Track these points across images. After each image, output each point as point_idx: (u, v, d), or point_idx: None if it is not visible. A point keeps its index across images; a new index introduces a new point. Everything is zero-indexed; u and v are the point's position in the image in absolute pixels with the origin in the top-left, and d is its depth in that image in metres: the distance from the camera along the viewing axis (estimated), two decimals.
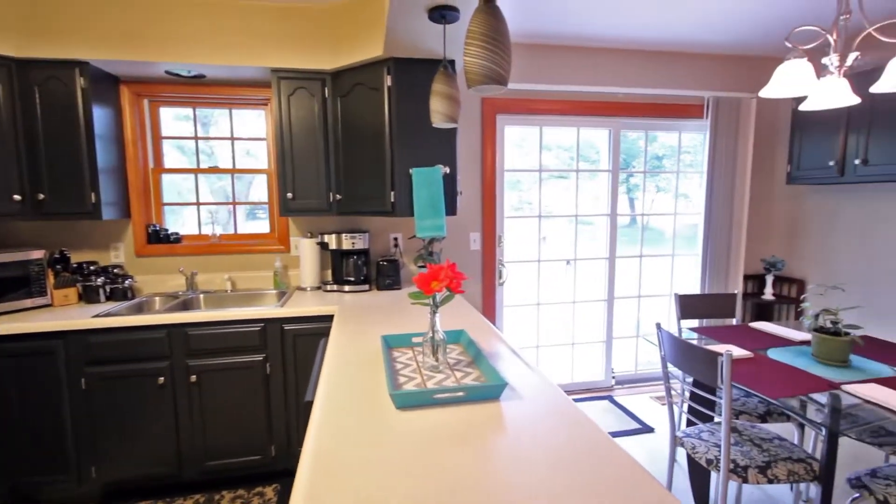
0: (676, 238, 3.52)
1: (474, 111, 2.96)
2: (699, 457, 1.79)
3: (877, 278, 2.76)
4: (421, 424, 1.07)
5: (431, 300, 1.37)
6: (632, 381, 3.56)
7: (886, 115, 2.39)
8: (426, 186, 2.27)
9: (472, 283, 3.12)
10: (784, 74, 1.62)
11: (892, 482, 1.55)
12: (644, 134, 3.33)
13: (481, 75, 1.09)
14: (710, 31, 2.71)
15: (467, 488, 0.83)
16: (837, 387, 1.60)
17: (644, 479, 0.85)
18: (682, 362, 1.78)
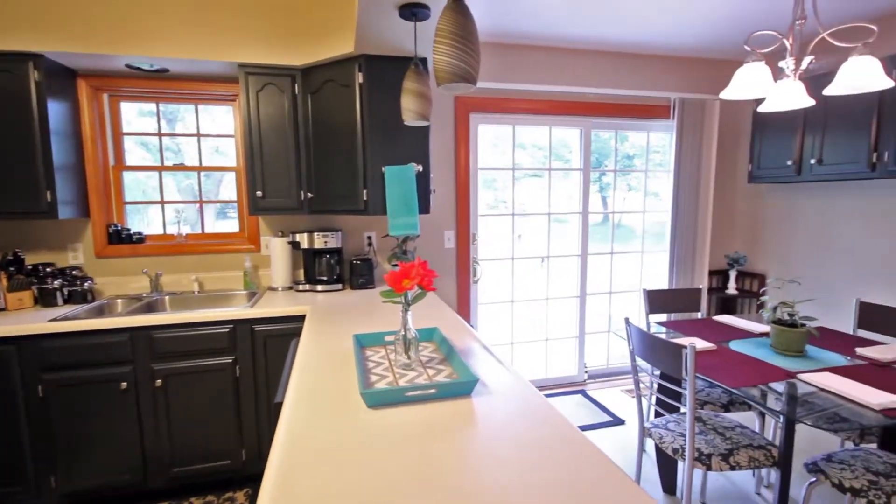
0: (646, 235, 3.62)
1: (448, 110, 2.96)
2: (666, 446, 1.84)
3: (831, 272, 2.90)
4: (393, 422, 1.06)
5: (403, 298, 1.36)
6: (604, 375, 3.64)
7: (840, 116, 2.51)
8: (399, 185, 2.26)
9: (446, 282, 3.12)
10: (743, 77, 1.68)
11: (847, 466, 1.64)
12: (614, 133, 3.40)
13: (450, 73, 1.09)
14: (676, 34, 2.79)
15: (439, 484, 0.83)
16: (794, 376, 1.68)
17: (613, 473, 0.87)
18: (649, 355, 1.83)
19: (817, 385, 1.61)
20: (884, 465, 1.63)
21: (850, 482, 1.55)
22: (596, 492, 0.81)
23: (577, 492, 0.81)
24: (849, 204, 2.78)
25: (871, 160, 2.37)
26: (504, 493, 0.80)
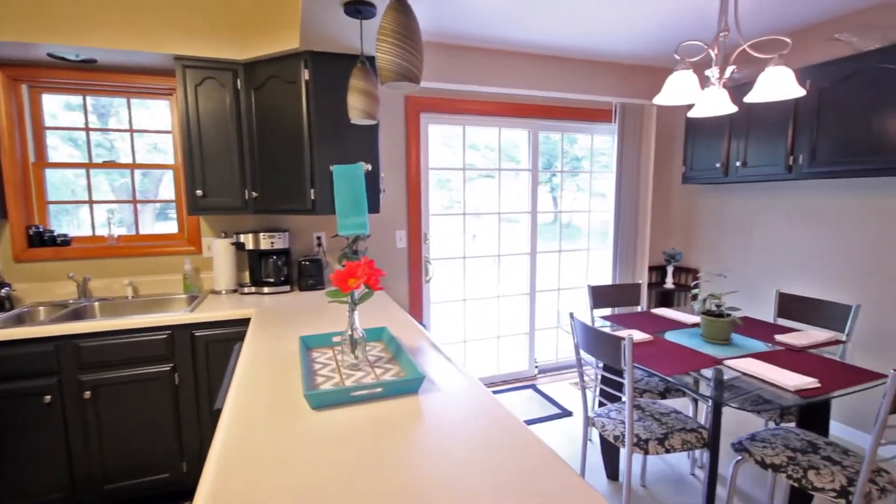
0: (593, 234, 3.77)
1: (398, 109, 2.96)
2: (608, 434, 1.93)
3: (755, 266, 3.14)
4: (337, 423, 1.05)
5: (349, 298, 1.35)
6: (553, 369, 3.75)
7: (761, 122, 2.73)
8: (348, 184, 2.23)
9: (398, 282, 3.11)
10: (673, 84, 1.79)
11: (768, 444, 1.78)
12: (560, 135, 3.52)
13: (393, 72, 1.09)
14: (615, 43, 2.92)
15: (382, 481, 0.83)
16: (720, 362, 1.81)
17: (557, 466, 0.90)
18: (592, 348, 1.91)
19: (741, 370, 1.74)
20: (800, 441, 1.79)
21: (770, 459, 1.69)
22: (540, 485, 0.84)
23: (522, 485, 0.83)
24: (770, 203, 3.02)
25: (787, 163, 2.59)
26: (449, 489, 0.81)
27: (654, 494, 2.22)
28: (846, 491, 1.52)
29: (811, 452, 1.69)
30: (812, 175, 2.49)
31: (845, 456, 1.68)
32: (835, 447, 1.74)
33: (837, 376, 1.67)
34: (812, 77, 2.43)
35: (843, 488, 1.53)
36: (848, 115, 2.30)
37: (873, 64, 2.19)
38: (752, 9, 2.45)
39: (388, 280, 3.08)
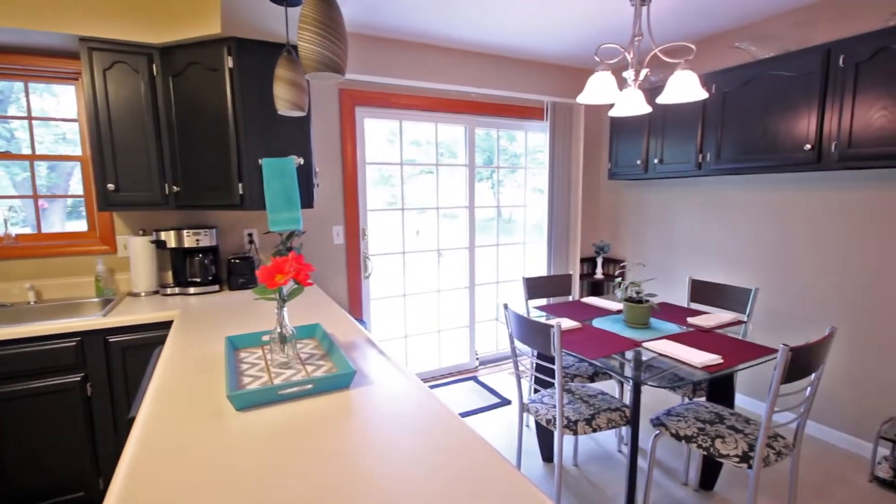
0: (530, 228, 3.90)
1: (332, 102, 2.89)
2: (541, 418, 2.02)
3: (671, 255, 3.40)
4: (263, 423, 1.02)
5: (277, 294, 1.31)
6: (494, 360, 3.85)
7: (675, 123, 2.95)
8: (278, 178, 2.15)
9: (336, 278, 3.06)
10: (594, 84, 1.89)
11: (682, 418, 1.94)
12: (496, 132, 3.60)
13: (316, 62, 1.07)
14: (546, 43, 3.04)
15: (308, 480, 0.82)
16: (639, 345, 1.95)
17: (491, 456, 0.93)
18: (525, 337, 1.99)
19: (657, 351, 1.89)
20: (709, 413, 1.96)
21: (683, 431, 1.85)
22: (474, 476, 0.85)
23: (455, 477, 0.85)
24: (684, 197, 3.28)
25: (697, 160, 2.82)
26: (380, 483, 0.81)
27: (585, 472, 2.35)
28: (747, 456, 1.69)
29: (718, 423, 1.87)
30: (718, 171, 2.73)
31: (747, 424, 1.87)
32: (738, 417, 1.93)
33: (738, 353, 1.85)
34: (717, 82, 2.67)
35: (744, 454, 1.70)
36: (747, 117, 2.54)
37: (768, 71, 2.44)
38: (664, 17, 2.64)
39: (325, 277, 3.01)
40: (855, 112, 2.12)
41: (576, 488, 2.24)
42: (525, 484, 0.80)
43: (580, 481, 2.29)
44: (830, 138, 2.21)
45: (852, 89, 2.12)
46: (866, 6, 2.31)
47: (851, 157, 2.14)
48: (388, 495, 0.77)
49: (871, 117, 2.07)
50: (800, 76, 2.30)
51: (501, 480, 0.82)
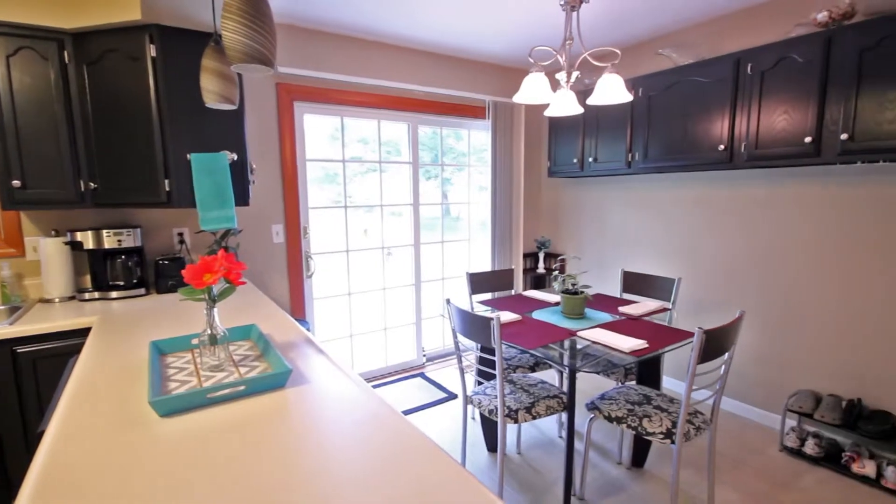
0: (476, 225, 3.97)
1: (269, 96, 2.79)
2: (484, 409, 2.07)
3: (606, 248, 3.59)
4: (192, 428, 0.98)
5: (206, 294, 1.26)
6: (441, 356, 3.89)
7: (607, 123, 3.11)
8: (209, 174, 2.05)
9: (277, 278, 2.96)
10: (528, 85, 1.96)
11: (614, 401, 2.05)
12: (439, 129, 3.63)
13: (241, 52, 1.03)
14: (486, 43, 3.10)
15: (242, 485, 0.80)
16: (575, 334, 2.04)
17: (429, 448, 0.95)
18: (467, 331, 2.03)
19: (591, 339, 1.99)
20: (638, 395, 2.10)
21: (615, 413, 1.96)
22: (415, 472, 0.86)
23: (396, 475, 0.85)
24: (617, 194, 3.47)
25: (627, 159, 2.99)
26: (318, 485, 0.80)
27: (528, 459, 2.44)
28: (671, 433, 1.82)
29: (646, 404, 2.00)
30: (646, 170, 2.91)
31: (671, 404, 2.02)
32: (664, 397, 2.07)
33: (662, 338, 1.99)
34: (643, 86, 2.84)
35: (668, 431, 1.83)
36: (670, 119, 2.73)
37: (687, 76, 2.63)
38: (594, 24, 2.78)
39: (264, 277, 2.91)
40: (761, 115, 2.34)
41: (519, 475, 2.31)
42: (467, 478, 0.82)
43: (523, 468, 2.37)
44: (741, 139, 2.42)
45: (758, 95, 2.34)
46: (771, 18, 2.55)
47: (758, 156, 2.36)
48: (327, 496, 0.77)
49: (774, 120, 2.29)
50: (714, 82, 2.50)
51: (440, 473, 0.84)
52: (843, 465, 2.25)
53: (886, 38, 1.92)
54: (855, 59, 2.01)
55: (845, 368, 2.41)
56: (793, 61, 2.21)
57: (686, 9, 2.62)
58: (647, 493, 2.15)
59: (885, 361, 2.27)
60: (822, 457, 2.32)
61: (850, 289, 2.36)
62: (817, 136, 2.14)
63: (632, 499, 2.12)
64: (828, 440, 2.36)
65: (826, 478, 2.25)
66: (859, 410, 2.31)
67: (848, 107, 2.04)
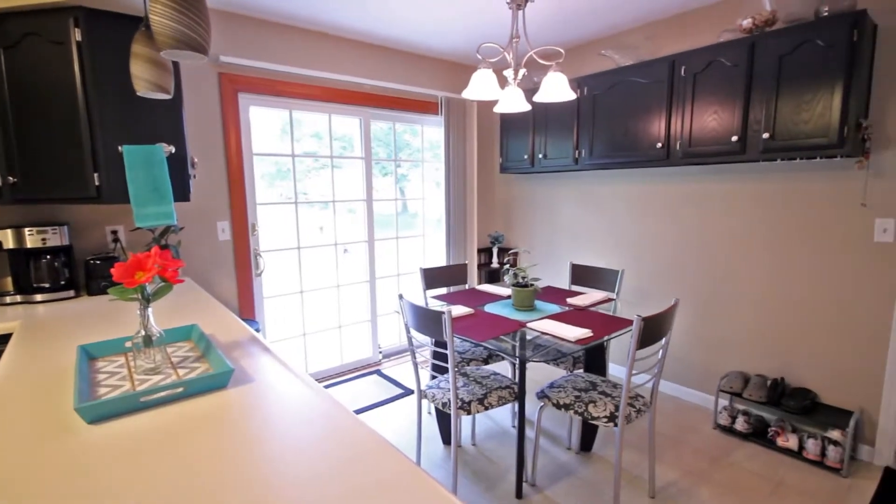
0: (431, 220, 3.97)
1: (210, 86, 2.67)
2: (437, 402, 2.09)
3: (556, 242, 3.71)
4: (124, 434, 0.93)
5: (139, 294, 1.19)
6: (397, 352, 3.88)
7: (555, 121, 3.20)
8: (144, 168, 1.94)
9: (223, 276, 2.85)
10: (477, 81, 1.99)
11: (562, 389, 2.13)
12: (393, 125, 3.61)
13: (171, 38, 0.98)
14: (437, 39, 3.11)
15: (184, 488, 0.77)
16: (524, 325, 2.10)
17: (380, 446, 0.94)
18: (420, 325, 2.04)
19: (540, 330, 2.05)
20: (585, 383, 2.18)
21: (563, 400, 2.04)
22: (364, 472, 0.85)
23: (344, 474, 0.83)
24: (566, 190, 3.58)
25: (574, 156, 3.10)
26: (257, 490, 0.78)
27: (483, 450, 2.49)
28: (614, 416, 1.91)
29: (592, 390, 2.09)
30: (592, 166, 3.03)
31: (615, 389, 2.12)
32: (609, 383, 2.17)
33: (607, 326, 2.09)
34: (588, 85, 2.95)
35: (611, 414, 1.92)
36: (613, 117, 2.85)
37: (628, 77, 2.75)
38: (541, 23, 2.86)
39: (210, 276, 2.79)
40: (694, 115, 2.49)
41: (474, 465, 2.35)
42: (419, 474, 0.82)
43: (478, 458, 2.41)
44: (676, 137, 2.56)
45: (692, 95, 2.48)
46: (703, 24, 2.71)
47: (692, 154, 2.51)
48: (273, 498, 0.75)
49: (705, 120, 2.45)
50: (652, 83, 2.63)
51: (391, 471, 0.84)
52: (770, 440, 2.45)
53: (803, 45, 2.09)
54: (775, 63, 2.18)
55: (770, 350, 2.61)
56: (721, 65, 2.36)
57: (626, 12, 2.74)
58: (593, 476, 2.25)
59: (804, 342, 2.49)
60: (751, 433, 2.51)
61: (773, 276, 2.56)
62: (743, 135, 2.31)
63: (580, 481, 2.21)
64: (756, 417, 2.56)
65: (755, 452, 2.43)
66: (783, 388, 2.52)
67: (769, 108, 2.21)
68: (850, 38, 1.96)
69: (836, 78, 2.01)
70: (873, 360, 2.27)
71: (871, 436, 2.30)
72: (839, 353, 2.37)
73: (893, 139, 2.13)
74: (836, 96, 2.01)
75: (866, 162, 2.19)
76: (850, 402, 2.36)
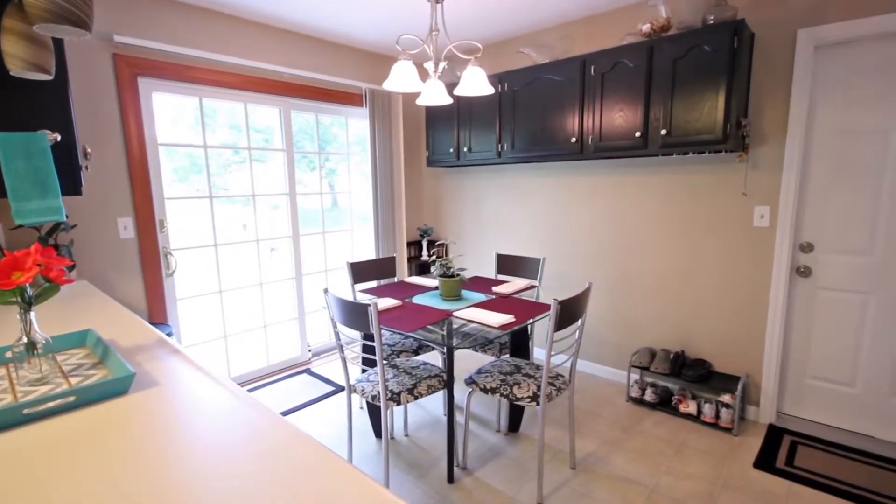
0: (357, 215, 3.90)
1: (104, 69, 2.42)
2: (367, 396, 2.08)
3: (483, 233, 3.81)
4: (8, 449, 0.83)
5: (18, 296, 1.07)
6: (328, 350, 3.79)
7: (479, 115, 3.28)
8: (24, 158, 1.73)
9: (128, 277, 2.61)
10: (397, 72, 1.99)
11: (489, 374, 2.20)
12: (315, 117, 3.49)
13: (45, 10, 0.88)
14: (359, 29, 3.05)
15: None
16: (451, 314, 2.15)
17: (306, 445, 0.92)
18: (347, 319, 2.01)
19: (466, 318, 2.11)
20: (510, 367, 2.28)
21: (490, 384, 2.11)
22: (288, 474, 0.84)
23: (266, 481, 0.82)
24: (491, 182, 3.69)
25: (497, 149, 3.20)
26: (165, 500, 0.74)
27: (415, 440, 2.51)
28: (536, 395, 2.02)
29: (516, 373, 2.19)
30: (513, 160, 3.14)
31: (537, 371, 2.23)
32: (532, 366, 2.28)
33: (528, 311, 2.19)
34: (508, 81, 3.05)
35: (534, 394, 2.02)
36: (532, 112, 2.98)
37: (544, 74, 2.88)
38: (461, 18, 2.91)
39: (111, 276, 2.55)
40: (603, 112, 2.67)
41: (406, 456, 2.37)
42: (348, 469, 0.81)
43: (411, 449, 2.44)
44: (588, 133, 2.73)
45: (601, 94, 2.66)
46: (609, 27, 2.91)
47: (603, 148, 2.69)
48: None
49: (613, 117, 2.63)
50: (566, 80, 2.79)
51: (318, 468, 0.83)
52: (674, 407, 2.71)
53: (693, 49, 2.32)
54: (670, 66, 2.39)
55: (673, 326, 2.89)
56: (625, 66, 2.55)
57: (541, 11, 2.87)
58: (520, 454, 2.36)
59: (699, 318, 2.78)
60: (658, 402, 2.77)
61: (671, 259, 2.83)
62: (644, 132, 2.51)
63: (508, 461, 2.31)
64: (662, 388, 2.82)
65: (662, 419, 2.68)
66: (683, 360, 2.80)
67: (666, 107, 2.42)
68: (731, 44, 2.20)
69: (720, 80, 2.25)
70: (756, 331, 2.60)
71: (757, 397, 2.63)
72: (727, 325, 2.68)
73: (768, 136, 2.44)
74: (721, 97, 2.25)
75: (746, 156, 2.48)
76: (738, 368, 2.68)
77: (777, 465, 2.24)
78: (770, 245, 2.49)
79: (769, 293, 2.52)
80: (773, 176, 2.44)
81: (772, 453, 2.33)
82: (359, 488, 0.74)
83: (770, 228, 2.48)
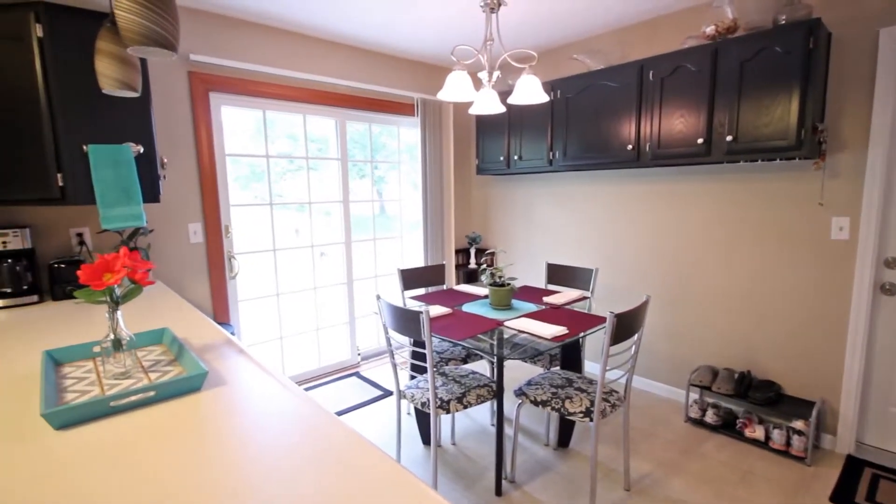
0: (407, 222, 3.97)
1: (180, 85, 2.61)
2: (416, 402, 2.09)
3: (533, 242, 3.76)
4: (94, 440, 0.91)
5: (107, 296, 1.16)
6: (377, 354, 3.86)
7: (530, 123, 3.25)
8: (111, 167, 1.89)
9: (196, 280, 2.78)
10: (452, 82, 2.01)
11: (539, 386, 2.16)
12: (369, 126, 3.59)
13: (138, 34, 0.97)
14: (409, 40, 3.12)
15: (150, 492, 0.76)
16: (501, 324, 2.13)
17: (360, 445, 0.94)
18: (398, 326, 2.04)
19: (516, 328, 2.08)
20: (561, 380, 2.22)
21: (540, 397, 2.07)
22: (343, 470, 0.86)
23: (324, 474, 0.85)
24: (541, 190, 3.64)
25: (549, 157, 3.15)
26: (235, 491, 0.77)
27: (462, 448, 2.50)
28: (589, 411, 1.95)
29: (568, 386, 2.13)
30: (565, 168, 3.09)
31: (590, 385, 2.16)
32: (584, 380, 2.22)
33: (581, 323, 2.13)
34: (561, 88, 3.01)
35: (587, 409, 1.96)
36: (586, 120, 2.91)
37: (599, 81, 2.82)
38: (515, 26, 2.90)
39: (182, 279, 2.72)
40: (662, 118, 2.57)
41: (453, 464, 2.36)
42: (399, 471, 0.83)
43: (458, 457, 2.42)
44: (646, 140, 2.64)
45: (659, 99, 2.56)
46: (669, 30, 2.80)
47: (661, 156, 2.59)
48: (249, 501, 0.75)
49: (673, 123, 2.53)
50: (622, 86, 2.71)
51: (373, 469, 0.84)
52: (738, 431, 2.54)
53: (762, 51, 2.19)
54: (737, 69, 2.27)
55: (737, 344, 2.71)
56: (687, 70, 2.45)
57: (597, 17, 2.81)
58: (571, 471, 2.29)
59: (768, 336, 2.59)
60: (721, 424, 2.60)
61: (738, 273, 2.67)
62: (708, 138, 2.39)
63: (558, 476, 2.25)
64: (724, 409, 2.65)
65: (724, 443, 2.52)
66: (749, 381, 2.62)
67: (732, 112, 2.30)
68: (806, 45, 2.06)
69: (793, 83, 2.11)
70: (833, 352, 2.39)
71: (833, 425, 2.42)
72: (801, 345, 2.48)
73: (847, 142, 2.25)
74: (794, 101, 2.11)
75: (822, 163, 2.31)
76: (812, 392, 2.47)
77: (856, 499, 2.04)
78: (850, 259, 2.29)
79: (849, 311, 2.31)
80: (854, 185, 2.25)
81: (851, 487, 2.12)
82: (414, 492, 0.74)
83: (850, 241, 2.28)
